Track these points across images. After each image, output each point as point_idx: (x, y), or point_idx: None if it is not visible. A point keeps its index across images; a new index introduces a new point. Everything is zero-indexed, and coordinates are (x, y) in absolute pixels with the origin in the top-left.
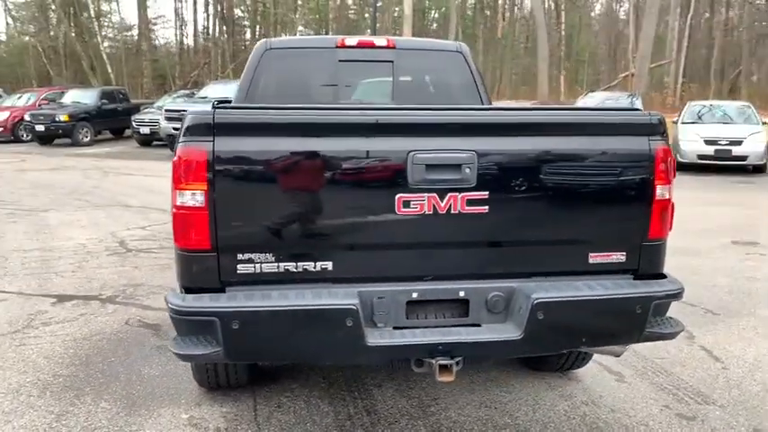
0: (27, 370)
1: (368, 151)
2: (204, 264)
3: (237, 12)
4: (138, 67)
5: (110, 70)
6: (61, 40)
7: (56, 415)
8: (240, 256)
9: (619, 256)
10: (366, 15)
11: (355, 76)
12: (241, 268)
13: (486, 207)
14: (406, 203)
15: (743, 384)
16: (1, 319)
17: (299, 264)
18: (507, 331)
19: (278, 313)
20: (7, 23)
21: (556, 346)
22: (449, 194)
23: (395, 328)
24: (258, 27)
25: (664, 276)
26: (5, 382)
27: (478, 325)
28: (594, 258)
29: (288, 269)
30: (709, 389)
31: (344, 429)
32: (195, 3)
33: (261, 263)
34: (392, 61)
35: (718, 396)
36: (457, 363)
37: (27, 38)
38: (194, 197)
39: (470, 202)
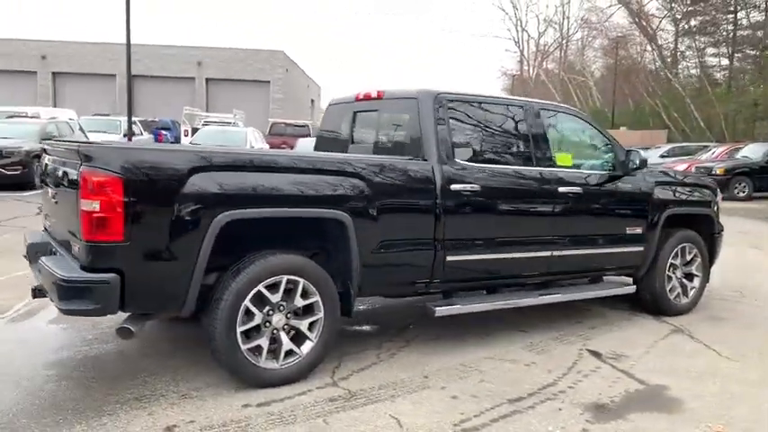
0: None
1: (55, 160)
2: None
3: None
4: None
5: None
6: None
7: None
8: None
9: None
10: None
11: (360, 124)
12: None
13: (56, 200)
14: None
15: None
16: None
17: (46, 217)
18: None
19: None
20: None
21: None
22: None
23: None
24: None
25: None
26: None
27: None
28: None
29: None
30: None
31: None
32: None
33: None
34: (377, 110)
35: None
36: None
37: None
38: None
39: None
